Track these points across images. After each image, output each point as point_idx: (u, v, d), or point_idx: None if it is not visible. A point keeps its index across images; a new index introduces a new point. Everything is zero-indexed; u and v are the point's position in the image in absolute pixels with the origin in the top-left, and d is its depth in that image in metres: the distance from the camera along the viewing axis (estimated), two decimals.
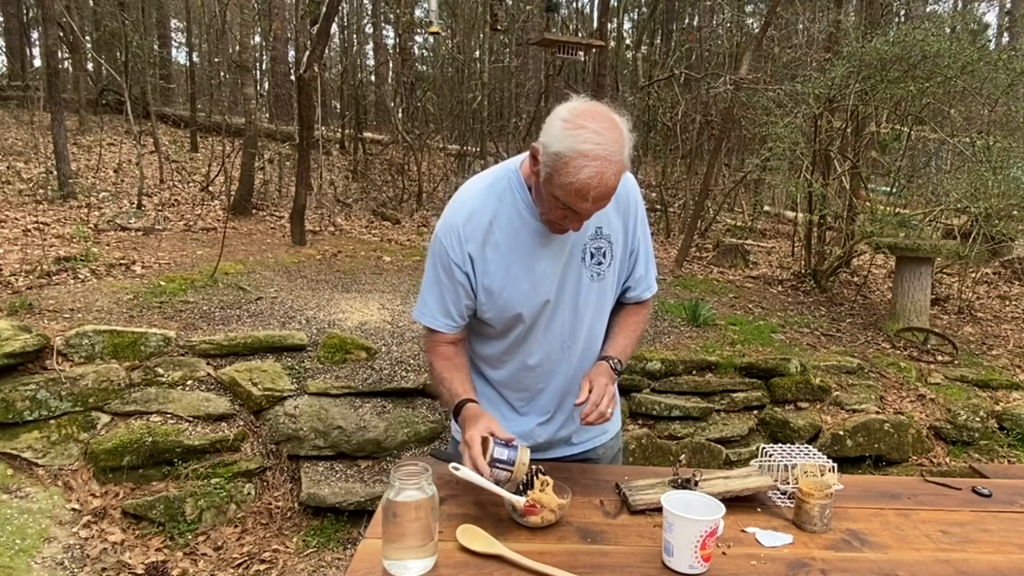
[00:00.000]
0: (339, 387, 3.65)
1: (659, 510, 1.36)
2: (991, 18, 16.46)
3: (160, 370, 3.53)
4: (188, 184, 8.07)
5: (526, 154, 1.43)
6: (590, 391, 1.41)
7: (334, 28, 9.35)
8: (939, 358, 5.11)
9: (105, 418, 3.33)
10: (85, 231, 5.53)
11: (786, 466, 1.49)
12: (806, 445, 1.62)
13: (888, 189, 6.95)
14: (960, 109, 6.41)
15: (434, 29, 7.73)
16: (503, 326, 1.53)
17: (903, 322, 5.51)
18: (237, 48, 9.21)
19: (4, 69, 12.72)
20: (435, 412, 3.73)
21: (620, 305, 1.65)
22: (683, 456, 3.80)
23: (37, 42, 12.58)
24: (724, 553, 1.24)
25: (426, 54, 12.86)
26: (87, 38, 11.27)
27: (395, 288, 5.16)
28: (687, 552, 1.15)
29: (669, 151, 9.71)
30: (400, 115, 10.49)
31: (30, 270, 4.46)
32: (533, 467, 1.36)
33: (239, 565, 2.98)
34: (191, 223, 6.63)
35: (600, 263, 1.52)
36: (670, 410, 3.97)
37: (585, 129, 1.25)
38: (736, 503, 1.40)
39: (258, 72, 14.02)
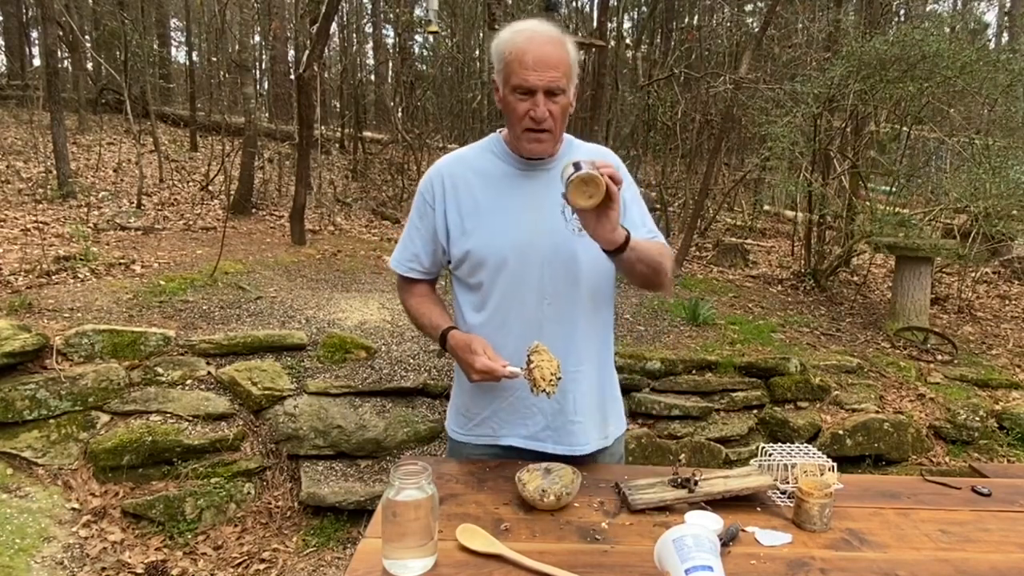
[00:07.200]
0: (339, 386, 3.65)
1: (659, 509, 1.37)
2: (991, 17, 16.45)
3: (160, 369, 3.53)
4: (188, 183, 8.06)
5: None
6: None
7: (334, 27, 9.35)
8: (939, 357, 5.11)
9: (105, 417, 3.34)
10: (84, 230, 5.52)
11: (786, 465, 1.49)
12: (806, 444, 1.62)
13: (888, 188, 6.95)
14: (960, 109, 6.41)
15: (433, 28, 7.74)
16: (471, 274, 1.57)
17: (903, 321, 5.51)
18: (237, 47, 9.21)
19: (4, 68, 12.71)
20: (435, 412, 3.73)
21: None
22: (683, 455, 3.81)
23: (36, 41, 12.57)
24: (724, 553, 1.24)
25: (426, 53, 12.84)
26: (87, 37, 11.26)
27: (395, 288, 5.15)
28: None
29: (669, 150, 9.69)
30: (400, 114, 10.46)
31: (30, 269, 4.45)
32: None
33: (239, 564, 2.98)
34: (191, 222, 6.62)
35: None
36: (670, 409, 3.97)
37: (518, 21, 1.51)
38: (736, 502, 1.40)
39: (258, 72, 14.00)
